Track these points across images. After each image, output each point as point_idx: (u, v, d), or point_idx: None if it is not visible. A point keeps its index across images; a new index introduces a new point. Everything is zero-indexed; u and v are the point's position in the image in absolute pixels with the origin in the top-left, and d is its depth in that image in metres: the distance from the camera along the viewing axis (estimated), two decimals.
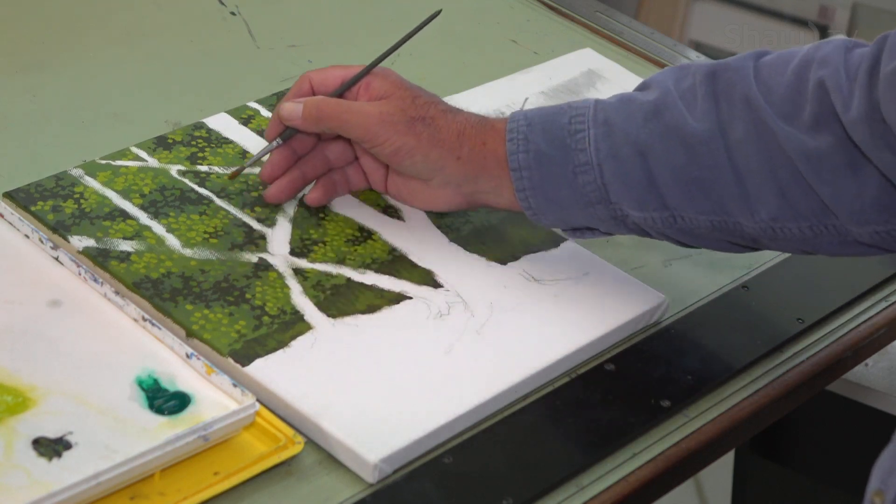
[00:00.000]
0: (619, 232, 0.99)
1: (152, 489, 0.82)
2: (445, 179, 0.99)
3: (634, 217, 0.96)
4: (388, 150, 0.99)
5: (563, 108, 0.98)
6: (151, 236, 0.99)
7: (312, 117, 1.00)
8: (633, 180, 0.95)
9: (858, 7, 2.66)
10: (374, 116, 0.99)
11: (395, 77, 1.02)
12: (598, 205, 0.96)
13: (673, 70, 0.98)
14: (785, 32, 2.68)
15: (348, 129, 1.00)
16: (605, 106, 0.97)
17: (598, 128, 0.96)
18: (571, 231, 1.00)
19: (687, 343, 1.00)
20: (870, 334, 1.06)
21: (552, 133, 0.97)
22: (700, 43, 2.78)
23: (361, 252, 1.01)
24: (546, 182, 0.97)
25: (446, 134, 0.99)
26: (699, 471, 0.98)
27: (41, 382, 0.87)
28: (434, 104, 1.00)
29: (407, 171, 1.00)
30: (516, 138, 0.97)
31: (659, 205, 0.95)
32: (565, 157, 0.96)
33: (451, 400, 0.90)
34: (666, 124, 0.95)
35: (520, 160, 0.97)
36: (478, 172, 0.99)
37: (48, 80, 1.18)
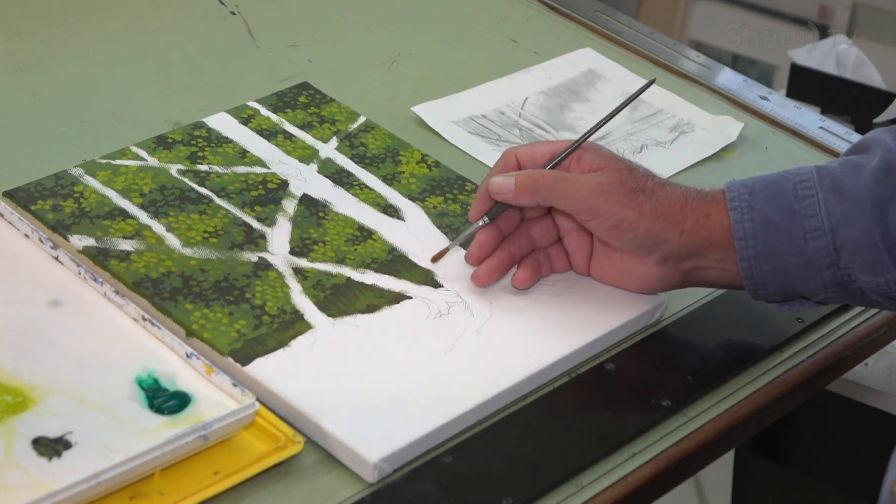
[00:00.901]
0: (836, 300, 0.97)
1: (152, 489, 0.82)
2: (665, 255, 0.96)
3: (863, 282, 0.94)
4: (610, 222, 0.95)
5: (783, 175, 0.96)
6: (151, 236, 0.99)
7: (527, 188, 0.96)
8: (867, 243, 0.93)
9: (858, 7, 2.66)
10: (594, 187, 0.95)
11: (607, 150, 0.98)
12: (827, 270, 0.94)
13: (887, 131, 0.97)
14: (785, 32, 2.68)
15: (566, 200, 0.96)
16: (831, 170, 0.95)
17: (826, 192, 0.94)
18: (780, 304, 0.98)
19: (687, 343, 1.00)
20: (870, 334, 1.06)
21: (777, 200, 0.95)
22: (700, 43, 2.78)
23: (361, 252, 1.01)
24: (773, 250, 0.94)
25: (668, 206, 0.95)
26: (699, 471, 0.98)
27: (41, 382, 0.87)
28: (651, 176, 0.97)
29: (626, 247, 0.96)
30: (739, 207, 0.95)
31: (893, 265, 0.93)
32: (794, 224, 0.94)
33: (451, 400, 0.90)
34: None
35: (745, 229, 0.95)
36: (701, 246, 0.96)
37: (48, 80, 1.18)
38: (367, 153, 1.11)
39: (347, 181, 1.08)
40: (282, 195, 1.05)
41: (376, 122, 1.15)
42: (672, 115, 1.24)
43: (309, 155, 1.10)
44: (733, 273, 0.96)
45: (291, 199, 1.05)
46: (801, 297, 0.97)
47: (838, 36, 1.95)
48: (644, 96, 1.26)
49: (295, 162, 1.09)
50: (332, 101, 1.17)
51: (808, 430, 1.57)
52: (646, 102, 1.25)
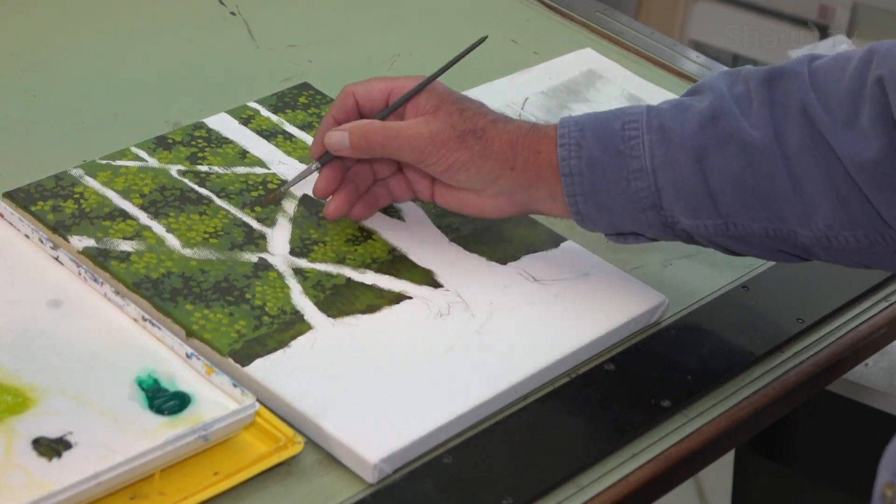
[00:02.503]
0: (665, 238, 0.98)
1: (152, 489, 0.82)
2: (499, 190, 0.98)
3: (685, 224, 0.96)
4: (442, 167, 0.97)
5: (615, 113, 0.97)
6: (151, 236, 0.99)
7: (361, 146, 0.98)
8: (687, 187, 0.94)
9: (858, 7, 2.66)
10: (425, 137, 0.97)
11: (442, 88, 1.00)
12: (650, 210, 0.96)
13: (724, 75, 0.97)
14: (785, 32, 2.68)
15: (399, 153, 0.98)
16: (659, 112, 0.96)
17: (652, 134, 0.95)
18: (616, 236, 1.00)
19: (687, 343, 1.00)
20: (870, 334, 1.06)
21: (605, 139, 0.96)
22: (700, 43, 2.78)
23: (361, 252, 1.01)
24: (598, 188, 0.96)
25: (498, 145, 0.97)
26: (699, 471, 0.98)
27: (41, 382, 0.87)
28: (482, 115, 0.99)
29: (460, 184, 0.99)
30: (568, 144, 0.96)
31: (712, 212, 0.94)
32: (619, 164, 0.95)
33: (451, 400, 0.90)
34: (722, 130, 0.94)
35: (571, 166, 0.96)
36: (532, 181, 0.97)
37: (48, 80, 1.18)
38: None
39: None
40: (282, 195, 1.05)
41: None
42: None
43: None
44: (563, 205, 0.98)
45: (292, 199, 1.05)
46: (633, 232, 0.99)
47: (838, 36, 1.95)
48: (645, 97, 1.26)
49: (295, 162, 1.09)
50: (332, 101, 1.17)
51: (808, 430, 1.57)
52: (646, 103, 1.25)
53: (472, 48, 1.04)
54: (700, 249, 1.08)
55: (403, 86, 1.00)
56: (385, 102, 1.01)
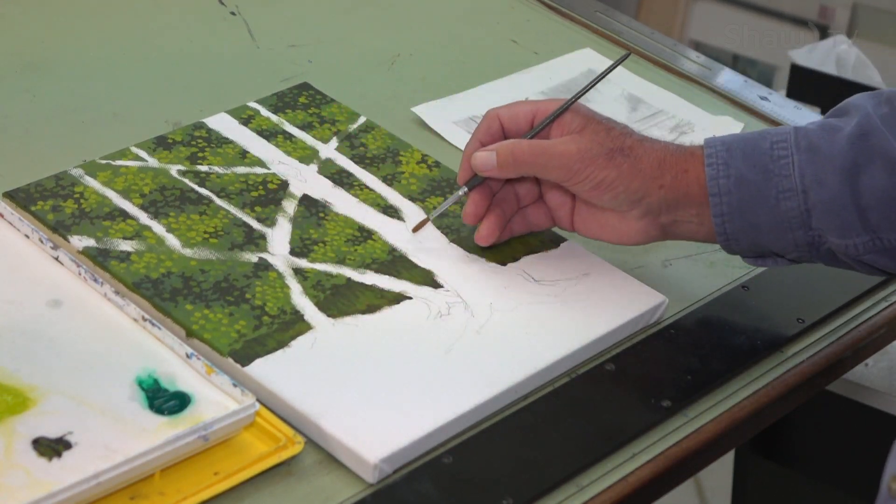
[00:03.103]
0: (808, 259, 0.98)
1: (152, 489, 0.82)
2: (645, 210, 0.97)
3: (833, 244, 0.95)
4: (590, 184, 0.97)
5: (763, 133, 0.97)
6: (151, 236, 0.99)
7: (509, 164, 0.98)
8: (838, 206, 0.94)
9: (858, 7, 2.66)
10: (573, 154, 0.97)
11: (585, 109, 1.00)
12: (798, 230, 0.96)
13: (868, 96, 0.98)
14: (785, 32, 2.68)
15: (547, 171, 0.97)
16: (808, 132, 0.96)
17: (801, 154, 0.95)
18: (754, 258, 1.00)
19: (687, 343, 1.00)
20: (870, 334, 1.06)
21: (753, 158, 0.96)
22: (700, 43, 2.78)
23: (361, 252, 1.01)
24: (746, 207, 0.96)
25: (647, 163, 0.97)
26: (699, 471, 0.98)
27: (41, 382, 0.87)
28: (629, 134, 0.98)
29: (607, 205, 0.98)
30: (716, 163, 0.96)
31: (861, 230, 0.94)
32: (768, 183, 0.95)
33: (451, 400, 0.90)
34: (872, 147, 0.94)
35: (720, 185, 0.96)
36: (680, 200, 0.97)
37: (48, 80, 1.18)
38: (367, 153, 1.11)
39: (347, 181, 1.08)
40: (282, 196, 1.05)
41: (376, 122, 1.15)
42: (672, 115, 1.24)
43: (309, 155, 1.10)
44: (709, 227, 0.98)
45: (291, 199, 1.05)
46: (774, 254, 0.99)
47: (838, 36, 1.95)
48: (645, 97, 1.26)
49: (295, 162, 1.09)
50: (332, 101, 1.17)
51: (808, 430, 1.57)
52: (646, 103, 1.25)
53: (616, 65, 1.04)
54: (700, 249, 1.08)
55: (548, 107, 1.00)
56: (530, 124, 1.00)
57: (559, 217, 1.02)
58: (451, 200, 1.02)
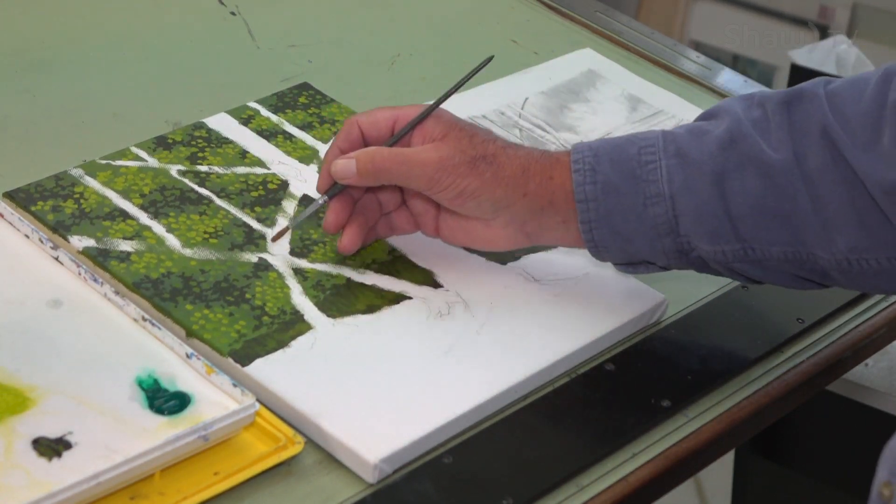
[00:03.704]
0: (678, 266, 0.97)
1: (152, 489, 0.82)
2: (510, 218, 0.96)
3: (702, 250, 0.94)
4: (452, 194, 0.95)
5: (630, 138, 0.96)
6: (151, 236, 0.99)
7: (368, 172, 0.96)
8: (707, 212, 0.93)
9: (858, 7, 2.66)
10: (434, 163, 0.95)
11: (448, 115, 0.98)
12: (666, 237, 0.94)
13: (739, 99, 0.96)
14: (785, 32, 2.68)
15: (408, 180, 0.96)
16: (676, 137, 0.95)
17: (669, 159, 0.94)
18: (625, 266, 0.98)
19: (687, 343, 1.00)
20: (870, 334, 1.06)
21: (620, 164, 0.94)
22: (700, 43, 2.78)
23: (361, 252, 1.01)
24: (613, 214, 0.94)
25: (510, 171, 0.95)
26: (699, 471, 0.98)
27: (41, 382, 0.87)
28: (492, 141, 0.97)
29: (471, 213, 0.97)
30: (582, 169, 0.95)
31: (732, 237, 0.93)
32: (635, 189, 0.94)
33: (451, 400, 0.90)
34: (742, 153, 0.93)
35: (586, 192, 0.94)
36: (545, 207, 0.96)
37: (48, 80, 1.18)
38: None
39: None
40: (282, 196, 1.05)
41: None
42: (672, 115, 1.24)
43: (309, 155, 1.10)
44: (575, 234, 0.96)
45: (291, 199, 1.05)
46: (645, 261, 0.97)
47: (838, 36, 1.95)
48: (645, 97, 1.25)
49: (295, 162, 1.09)
50: (332, 101, 1.17)
51: (808, 430, 1.57)
52: (646, 103, 1.25)
53: (478, 69, 1.02)
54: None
55: (409, 113, 0.98)
56: (391, 131, 0.98)
57: (423, 223, 1.00)
58: (311, 209, 0.99)
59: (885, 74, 0.92)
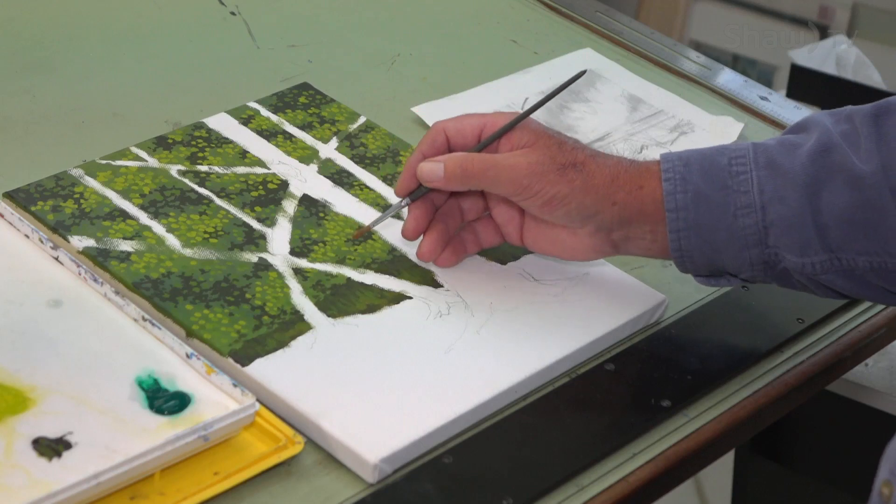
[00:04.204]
0: (762, 279, 0.97)
1: (152, 489, 0.82)
2: (598, 226, 0.96)
3: (789, 262, 0.94)
4: (541, 200, 0.95)
5: (720, 149, 0.96)
6: (151, 236, 0.99)
7: (457, 177, 0.96)
8: (797, 223, 0.93)
9: (858, 7, 2.66)
10: (524, 168, 0.94)
11: (536, 124, 0.97)
12: (754, 248, 0.94)
13: (827, 114, 0.96)
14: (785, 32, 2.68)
15: (497, 185, 0.95)
16: (767, 148, 0.95)
17: (761, 170, 0.94)
18: (707, 278, 0.98)
19: (687, 343, 1.00)
20: (870, 334, 1.06)
21: (711, 174, 0.94)
22: (700, 43, 2.78)
23: (361, 252, 1.01)
24: (703, 223, 0.94)
25: (600, 179, 0.95)
26: (699, 471, 0.98)
27: (41, 382, 0.87)
28: (581, 149, 0.96)
29: (559, 221, 0.96)
30: (673, 178, 0.94)
31: (820, 248, 0.93)
32: (726, 199, 0.94)
33: (451, 400, 0.90)
34: (833, 164, 0.93)
35: (677, 201, 0.94)
36: (634, 217, 0.95)
37: (48, 80, 1.18)
38: (367, 153, 1.11)
39: (347, 181, 1.08)
40: (282, 195, 1.05)
41: (376, 122, 1.15)
42: (672, 115, 1.24)
43: (309, 155, 1.10)
44: (662, 244, 0.96)
45: (291, 199, 1.05)
46: (728, 273, 0.97)
47: (838, 36, 1.95)
48: (645, 97, 1.26)
49: (295, 162, 1.09)
50: (332, 101, 1.17)
51: (808, 430, 1.57)
52: (646, 103, 1.25)
53: (571, 82, 1.02)
54: None
55: (496, 121, 0.97)
56: (477, 139, 0.98)
57: (508, 233, 1.00)
58: (391, 211, 1.00)
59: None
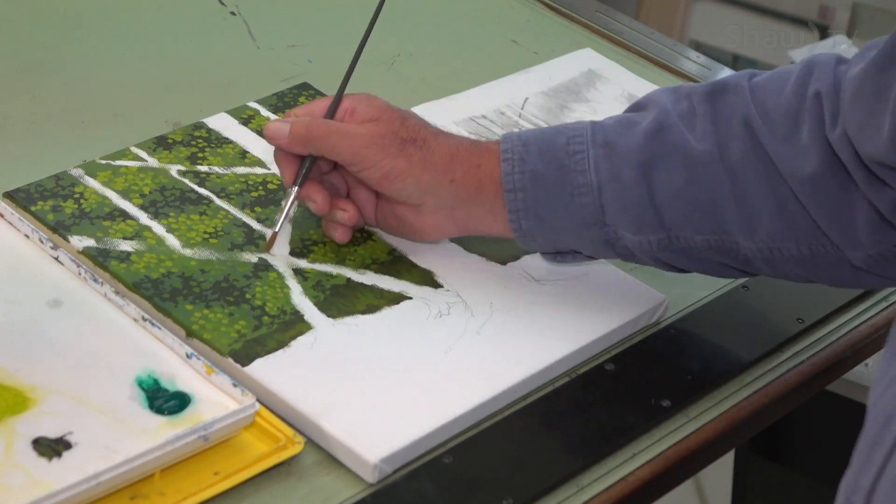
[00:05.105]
0: (605, 256, 0.98)
1: (152, 489, 0.82)
2: (438, 204, 0.97)
3: (628, 240, 0.95)
4: (378, 173, 0.96)
5: (559, 128, 0.97)
6: (151, 236, 0.99)
7: (300, 138, 0.97)
8: (632, 202, 0.94)
9: (858, 7, 2.65)
10: (364, 138, 0.96)
11: (382, 101, 0.99)
12: (593, 227, 0.95)
13: (667, 91, 0.97)
14: (785, 32, 2.68)
15: (337, 151, 0.97)
16: (604, 127, 0.96)
17: (597, 149, 0.95)
18: (553, 255, 0.99)
19: (687, 343, 1.00)
20: (870, 334, 1.06)
21: (549, 154, 0.95)
22: (700, 43, 2.78)
23: (361, 252, 1.01)
24: (541, 204, 0.95)
25: (439, 156, 0.96)
26: (699, 471, 0.98)
27: (41, 382, 0.87)
28: (424, 126, 0.98)
29: (397, 196, 0.97)
30: (511, 159, 0.96)
31: (657, 226, 0.94)
32: (563, 178, 0.95)
33: (451, 400, 0.90)
34: (667, 143, 0.94)
35: (515, 181, 0.95)
36: (472, 195, 0.97)
37: (48, 80, 1.18)
38: None
39: None
40: (282, 196, 1.05)
41: None
42: None
43: None
44: (503, 223, 0.97)
45: None
46: (573, 251, 0.98)
47: (838, 36, 1.95)
48: None
49: None
50: None
51: (808, 430, 1.57)
52: None
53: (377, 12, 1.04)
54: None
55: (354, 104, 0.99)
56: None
57: (366, 214, 1.01)
58: (288, 205, 0.99)
59: (806, 67, 0.93)
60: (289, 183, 0.99)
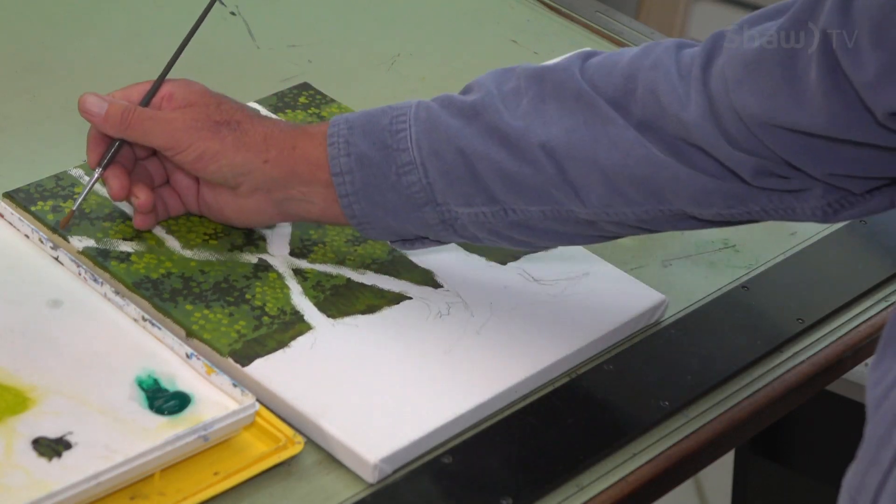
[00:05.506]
0: (450, 239, 0.96)
1: (152, 489, 0.82)
2: (253, 185, 0.96)
3: (464, 216, 0.94)
4: (192, 156, 0.96)
5: (385, 109, 0.96)
6: (151, 237, 0.99)
7: (115, 120, 0.97)
8: (457, 176, 0.93)
9: None
10: (179, 123, 0.96)
11: (199, 86, 0.99)
12: (426, 206, 0.94)
13: (496, 72, 0.96)
14: None
15: (152, 137, 0.96)
16: (427, 105, 0.95)
17: (420, 125, 0.94)
18: (402, 243, 0.98)
19: (687, 343, 1.00)
20: (870, 334, 1.06)
21: (374, 135, 0.95)
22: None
23: (361, 252, 1.01)
24: (370, 185, 0.94)
25: (252, 137, 0.96)
26: (699, 471, 0.98)
27: (41, 382, 0.87)
28: (241, 110, 0.98)
29: (213, 179, 0.97)
30: (337, 142, 0.95)
31: (487, 199, 0.93)
32: (388, 158, 0.94)
33: (451, 400, 0.90)
34: (484, 124, 0.93)
35: (341, 164, 0.95)
36: (288, 177, 0.96)
37: (48, 80, 1.18)
38: None
39: None
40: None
41: None
42: None
43: None
44: (321, 207, 0.96)
45: None
46: (418, 237, 0.97)
47: None
48: None
49: None
50: (333, 101, 1.17)
51: (808, 430, 1.57)
52: None
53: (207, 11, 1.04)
54: (700, 249, 1.08)
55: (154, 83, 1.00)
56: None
57: (188, 201, 1.01)
58: (90, 186, 0.99)
59: (636, 56, 0.92)
60: (93, 164, 0.99)
